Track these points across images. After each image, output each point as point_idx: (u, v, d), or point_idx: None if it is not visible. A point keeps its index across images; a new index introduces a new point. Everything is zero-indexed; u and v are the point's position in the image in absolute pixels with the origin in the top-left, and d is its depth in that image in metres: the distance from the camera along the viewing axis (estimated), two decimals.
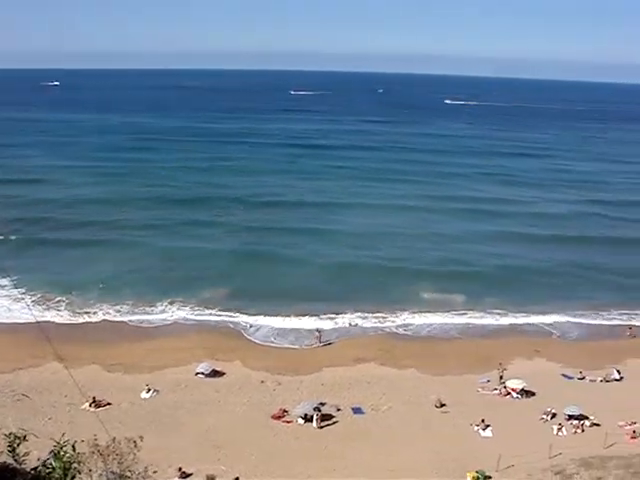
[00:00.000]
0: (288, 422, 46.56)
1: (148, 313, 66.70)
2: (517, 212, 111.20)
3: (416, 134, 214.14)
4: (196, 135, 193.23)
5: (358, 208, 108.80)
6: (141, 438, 22.04)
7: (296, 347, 61.19)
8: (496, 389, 53.01)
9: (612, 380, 55.70)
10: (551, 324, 68.05)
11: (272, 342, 61.89)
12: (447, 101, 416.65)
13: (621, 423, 46.95)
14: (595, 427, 46.64)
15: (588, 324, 68.79)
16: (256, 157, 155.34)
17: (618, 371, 56.50)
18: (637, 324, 68.36)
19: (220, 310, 67.57)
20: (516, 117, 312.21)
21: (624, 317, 70.55)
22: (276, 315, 66.45)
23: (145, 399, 49.43)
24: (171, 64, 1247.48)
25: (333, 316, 66.90)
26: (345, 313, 67.58)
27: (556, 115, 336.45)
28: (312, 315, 66.83)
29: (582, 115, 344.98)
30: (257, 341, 62.04)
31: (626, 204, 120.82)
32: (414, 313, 68.46)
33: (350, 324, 65.66)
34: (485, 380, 54.58)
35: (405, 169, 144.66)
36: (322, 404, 48.29)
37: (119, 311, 66.83)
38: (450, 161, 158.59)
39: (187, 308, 67.82)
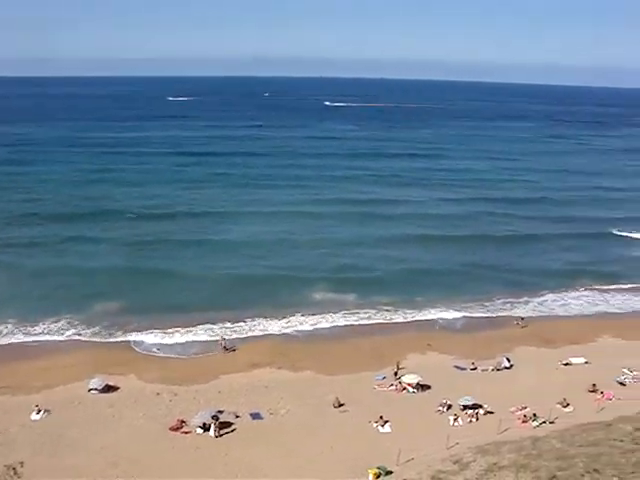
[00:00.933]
0: (186, 433, 45.63)
1: (31, 334, 63.56)
2: (408, 213, 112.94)
3: (302, 137, 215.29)
4: (78, 145, 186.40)
5: (249, 216, 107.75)
6: (21, 464, 20.86)
7: (190, 357, 60.14)
8: (392, 385, 53.71)
9: (503, 368, 57.58)
10: (442, 319, 69.98)
11: (166, 353, 60.60)
12: (327, 103, 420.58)
13: (512, 409, 48.48)
14: (489, 415, 47.99)
15: (478, 317, 71.25)
16: (142, 167, 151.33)
17: (508, 359, 58.45)
18: (525, 315, 71.00)
19: (111, 325, 65.60)
20: (398, 117, 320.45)
21: (510, 307, 73.86)
22: (169, 327, 65.07)
23: (36, 420, 47.27)
24: (39, 72, 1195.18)
25: (229, 325, 66.17)
26: (241, 321, 67.05)
27: (437, 114, 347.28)
28: (206, 324, 65.92)
29: (462, 114, 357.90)
30: (151, 353, 60.62)
31: (512, 201, 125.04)
32: (309, 316, 68.84)
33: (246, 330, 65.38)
34: (381, 377, 55.23)
35: (294, 174, 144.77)
36: (220, 412, 47.60)
37: (0, 332, 63.75)
38: (338, 164, 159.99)
39: (76, 325, 65.45)
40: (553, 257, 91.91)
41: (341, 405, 49.57)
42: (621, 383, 54.37)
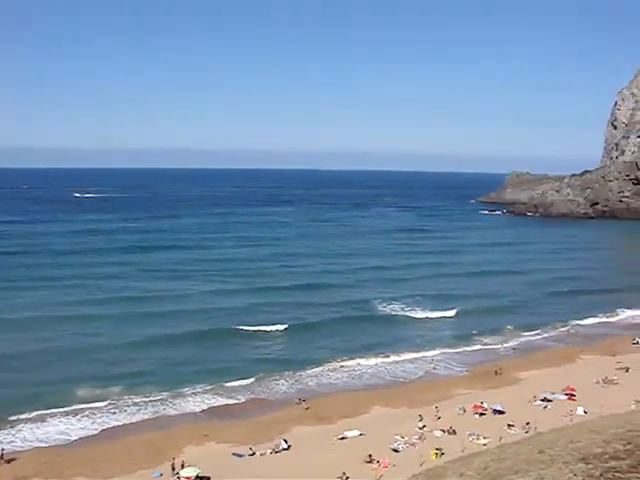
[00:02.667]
0: None
1: None
2: (180, 309, 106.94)
3: (61, 232, 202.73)
4: None
5: (6, 323, 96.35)
6: None
7: None
8: None
9: (281, 450, 57.38)
10: (214, 407, 69.00)
11: None
12: (76, 194, 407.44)
13: None
14: None
15: (251, 400, 71.14)
16: None
17: (285, 440, 58.41)
18: (299, 395, 71.97)
19: None
20: (158, 206, 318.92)
21: (275, 386, 75.46)
22: None
23: None
24: None
25: None
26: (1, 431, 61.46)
27: (200, 202, 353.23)
28: None
29: (226, 201, 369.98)
30: None
31: (286, 289, 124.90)
32: (75, 418, 64.73)
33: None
34: (158, 474, 52.71)
35: (58, 274, 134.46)
36: None
37: None
38: (105, 260, 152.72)
39: None
40: (325, 339, 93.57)
41: None
42: (395, 450, 56.15)
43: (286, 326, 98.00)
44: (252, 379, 76.57)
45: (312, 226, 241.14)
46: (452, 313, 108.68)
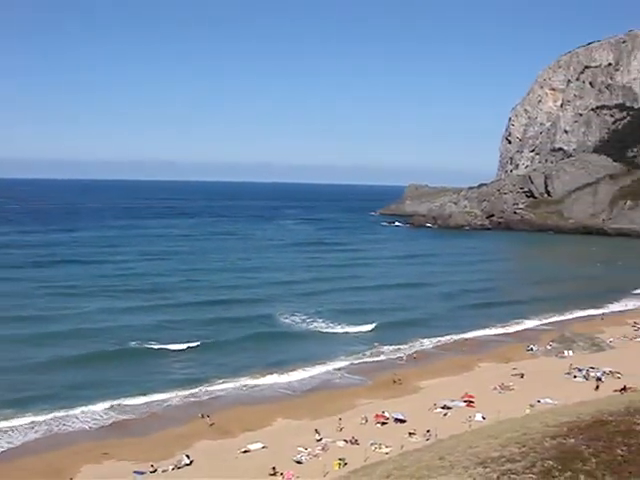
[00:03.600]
0: None
1: None
2: (81, 328, 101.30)
3: None
4: None
5: None
6: None
7: None
8: None
9: (183, 466, 56.37)
10: (114, 424, 67.21)
11: None
12: None
13: None
14: None
15: (153, 415, 69.77)
16: None
17: (187, 456, 57.43)
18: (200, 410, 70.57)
19: None
20: (53, 218, 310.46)
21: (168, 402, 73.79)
22: None
23: None
24: None
25: None
26: None
27: (95, 214, 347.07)
28: None
29: (122, 213, 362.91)
30: None
31: (192, 305, 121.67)
32: None
33: None
34: None
35: None
36: None
37: None
38: None
39: None
40: (230, 356, 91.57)
41: None
42: (298, 462, 55.95)
43: (190, 344, 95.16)
44: (153, 396, 74.69)
45: (213, 239, 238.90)
46: (356, 326, 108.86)
